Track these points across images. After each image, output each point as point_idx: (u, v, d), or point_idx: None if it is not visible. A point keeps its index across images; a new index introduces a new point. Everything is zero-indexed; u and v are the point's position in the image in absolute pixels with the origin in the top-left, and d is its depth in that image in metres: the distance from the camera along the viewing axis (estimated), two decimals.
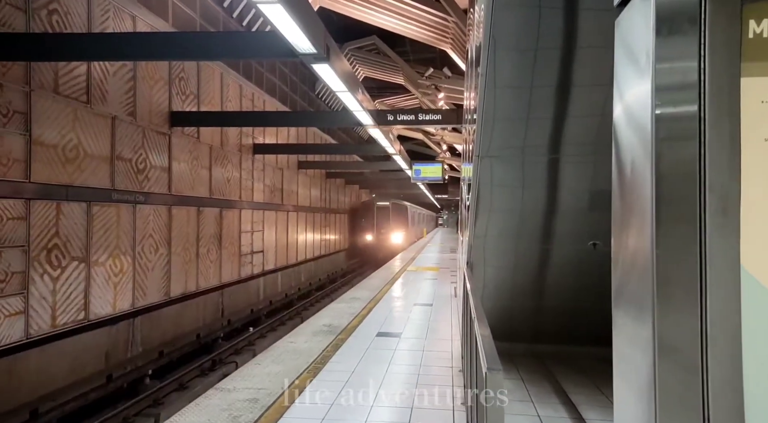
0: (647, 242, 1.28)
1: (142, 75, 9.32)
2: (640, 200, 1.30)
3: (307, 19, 5.15)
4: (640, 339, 1.29)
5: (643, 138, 1.29)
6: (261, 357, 5.58)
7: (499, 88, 3.67)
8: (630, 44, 1.47)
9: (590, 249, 4.65)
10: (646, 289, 1.27)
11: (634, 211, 1.35)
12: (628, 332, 1.36)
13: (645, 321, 1.30)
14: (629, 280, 1.39)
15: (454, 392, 4.48)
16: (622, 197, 1.44)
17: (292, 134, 18.62)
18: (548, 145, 4.25)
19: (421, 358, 5.58)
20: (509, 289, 5.23)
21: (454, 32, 12.79)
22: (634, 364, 1.37)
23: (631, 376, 1.38)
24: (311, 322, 7.49)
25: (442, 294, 10.18)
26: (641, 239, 1.30)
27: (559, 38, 3.58)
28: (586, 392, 4.48)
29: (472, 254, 4.88)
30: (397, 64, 19.35)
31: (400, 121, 10.60)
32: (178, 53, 6.73)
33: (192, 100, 11.22)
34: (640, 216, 1.29)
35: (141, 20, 9.22)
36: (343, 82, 7.09)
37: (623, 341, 1.40)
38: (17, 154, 6.67)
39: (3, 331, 6.47)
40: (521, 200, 4.66)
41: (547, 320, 5.45)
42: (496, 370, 1.29)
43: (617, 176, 1.49)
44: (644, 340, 1.27)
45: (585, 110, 4.07)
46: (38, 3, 7.04)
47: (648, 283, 1.26)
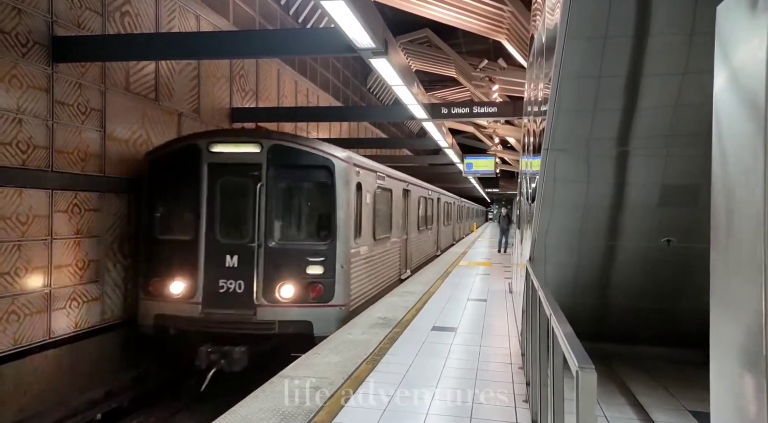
0: (758, 240, 1.21)
1: (205, 73, 9.68)
2: (750, 195, 1.23)
3: (367, 14, 5.18)
4: (746, 344, 1.23)
5: (754, 129, 1.22)
6: (320, 347, 5.71)
7: (571, 78, 3.55)
8: (736, 31, 1.39)
9: (661, 246, 4.45)
10: (754, 290, 1.20)
11: (741, 207, 1.28)
12: (731, 336, 1.29)
13: (752, 325, 1.23)
14: (734, 280, 1.32)
15: (515, 389, 4.42)
16: (726, 192, 1.37)
17: (344, 128, 18.83)
18: (617, 137, 4.08)
19: (478, 354, 5.54)
20: (571, 286, 5.09)
21: (510, 22, 12.48)
22: (737, 369, 1.31)
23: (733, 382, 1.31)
24: (366, 314, 7.58)
25: (496, 290, 10.04)
26: (750, 237, 1.23)
27: (631, 26, 3.43)
28: (655, 394, 4.31)
29: (534, 250, 4.78)
30: (449, 56, 19.12)
31: (454, 114, 10.50)
32: (242, 51, 6.95)
33: (251, 96, 11.56)
34: (750, 212, 1.22)
35: (204, 19, 9.57)
36: (400, 76, 7.10)
37: (724, 345, 1.34)
38: (94, 149, 7.11)
39: None
40: (586, 195, 4.51)
41: (611, 319, 5.27)
42: (589, 369, 1.26)
43: (720, 170, 1.42)
44: (751, 345, 1.21)
45: (657, 101, 3.89)
46: (113, 6, 7.45)
47: (757, 284, 1.19)
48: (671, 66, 3.61)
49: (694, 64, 3.50)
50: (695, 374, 4.82)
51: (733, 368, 1.28)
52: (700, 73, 3.52)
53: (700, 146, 3.90)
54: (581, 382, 1.26)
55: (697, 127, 3.84)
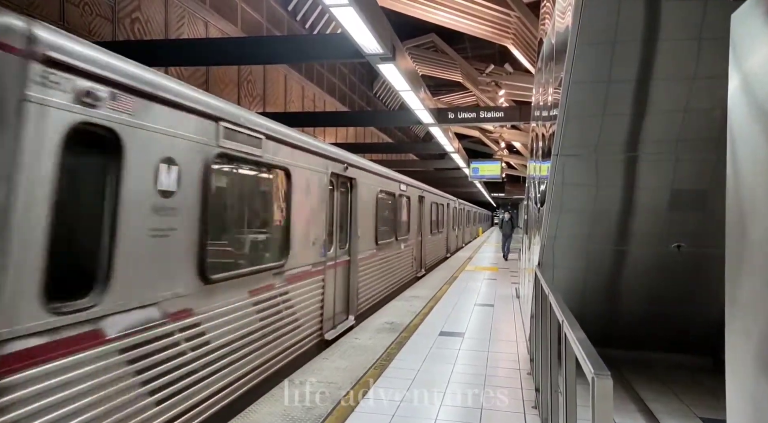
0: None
1: (213, 78, 9.76)
2: (765, 199, 1.23)
3: (375, 20, 5.21)
4: (763, 350, 1.22)
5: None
6: (328, 352, 5.71)
7: (582, 83, 3.56)
8: (751, 38, 1.39)
9: (671, 251, 4.43)
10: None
11: (756, 212, 1.28)
12: (747, 342, 1.29)
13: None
14: (749, 285, 1.31)
15: (524, 395, 4.40)
16: (740, 197, 1.37)
17: (350, 133, 18.89)
18: (626, 142, 4.08)
19: (486, 359, 5.52)
20: (580, 291, 5.07)
21: (517, 27, 12.51)
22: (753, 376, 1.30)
23: (749, 389, 1.31)
24: (373, 319, 7.58)
25: (503, 295, 10.01)
26: (765, 241, 1.22)
27: (641, 30, 3.43)
28: (665, 400, 4.28)
29: (543, 255, 4.77)
30: (455, 61, 19.18)
31: (461, 119, 10.51)
32: (250, 57, 7.01)
33: (258, 101, 11.63)
34: (765, 216, 1.22)
35: (213, 26, 9.65)
36: (407, 81, 7.12)
37: (740, 351, 1.33)
38: None
39: None
40: (595, 200, 4.50)
41: (620, 324, 5.24)
42: (604, 375, 1.25)
43: (733, 174, 1.42)
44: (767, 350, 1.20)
45: (666, 105, 3.88)
46: (123, 12, 7.53)
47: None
48: (680, 70, 3.61)
49: (704, 69, 3.50)
50: (706, 381, 4.79)
51: (750, 375, 1.27)
52: (709, 78, 3.51)
53: (710, 151, 3.89)
54: (597, 388, 1.25)
55: (707, 131, 3.83)
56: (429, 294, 9.91)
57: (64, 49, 2.46)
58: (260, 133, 4.44)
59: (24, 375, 2.26)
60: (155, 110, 3.17)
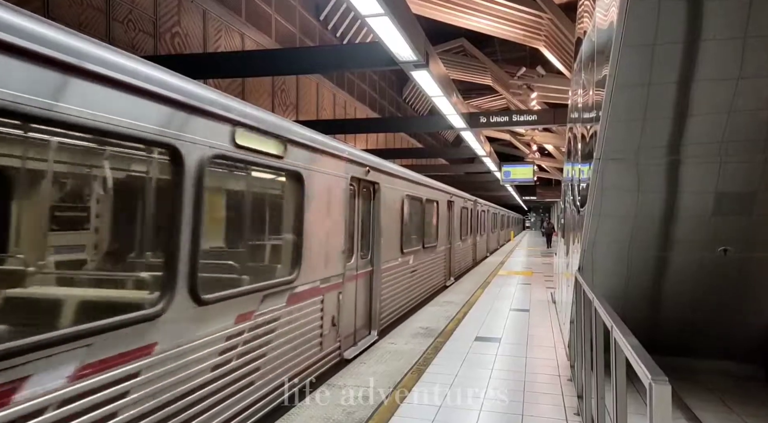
0: None
1: (249, 88, 10.02)
2: None
3: (409, 28, 5.27)
4: None
5: None
6: (365, 356, 5.77)
7: (626, 86, 3.52)
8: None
9: (716, 256, 4.32)
10: None
11: None
12: None
13: None
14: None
15: (565, 401, 4.35)
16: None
17: (380, 138, 19.01)
18: (669, 145, 4.01)
19: (524, 365, 5.48)
20: (621, 297, 4.98)
21: (549, 29, 12.39)
22: None
23: None
24: (408, 324, 7.60)
25: (538, 299, 9.89)
26: None
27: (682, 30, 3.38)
28: (715, 410, 4.17)
29: (583, 260, 4.71)
30: (485, 65, 19.10)
31: (493, 123, 10.47)
32: (287, 68, 7.17)
33: (291, 109, 11.86)
34: None
35: (248, 38, 9.92)
36: (440, 87, 7.16)
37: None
38: None
39: None
40: (636, 205, 4.43)
41: (663, 330, 5.13)
42: (663, 381, 1.26)
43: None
44: None
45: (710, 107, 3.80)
46: (164, 27, 7.83)
47: None
48: (725, 71, 3.53)
49: (749, 68, 3.41)
50: (755, 390, 4.63)
51: None
52: (756, 78, 3.43)
53: (757, 152, 3.78)
54: (655, 394, 1.26)
55: (754, 133, 3.73)
56: (463, 299, 9.87)
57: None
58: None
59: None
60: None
